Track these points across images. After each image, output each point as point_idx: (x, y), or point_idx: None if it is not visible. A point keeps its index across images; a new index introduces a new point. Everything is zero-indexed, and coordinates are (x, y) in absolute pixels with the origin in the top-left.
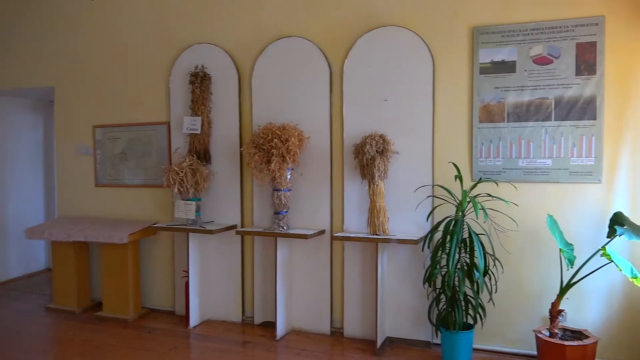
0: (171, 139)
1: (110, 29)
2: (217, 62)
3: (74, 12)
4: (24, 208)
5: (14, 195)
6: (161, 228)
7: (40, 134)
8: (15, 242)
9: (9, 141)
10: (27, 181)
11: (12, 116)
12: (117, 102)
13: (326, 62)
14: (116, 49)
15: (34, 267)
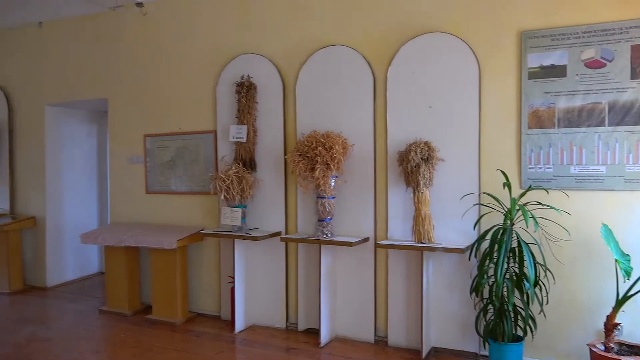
0: (218, 147)
1: (160, 42)
2: (262, 72)
3: (126, 26)
4: (79, 214)
5: (70, 201)
6: (208, 234)
7: (94, 143)
8: (71, 246)
9: (66, 150)
10: (82, 188)
11: (70, 126)
12: (167, 112)
13: (370, 69)
14: (166, 61)
15: (88, 271)
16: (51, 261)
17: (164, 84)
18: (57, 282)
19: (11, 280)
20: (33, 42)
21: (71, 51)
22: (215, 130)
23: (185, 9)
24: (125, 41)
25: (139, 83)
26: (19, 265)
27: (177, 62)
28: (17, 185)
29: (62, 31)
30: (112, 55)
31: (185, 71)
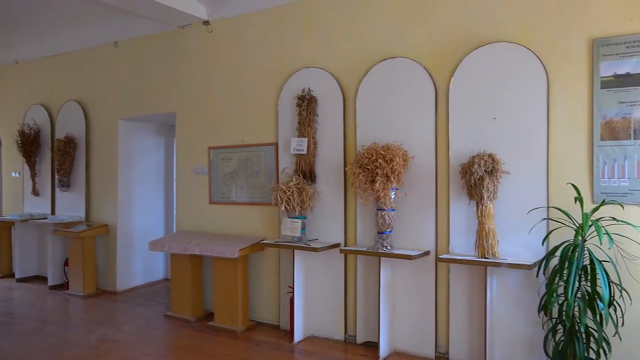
0: (279, 159)
1: (225, 57)
2: (322, 85)
3: (193, 43)
4: (147, 222)
5: (139, 210)
6: (268, 244)
7: (162, 155)
8: (139, 253)
9: (136, 162)
10: (150, 198)
11: (140, 139)
12: (230, 125)
13: (431, 81)
14: (230, 76)
15: (154, 277)
16: (121, 267)
17: (227, 98)
18: (126, 286)
19: (85, 283)
20: (109, 60)
21: (143, 68)
22: (277, 142)
23: (249, 25)
24: (192, 58)
25: (204, 97)
26: (92, 270)
27: (241, 77)
28: (92, 194)
29: (135, 50)
30: (180, 71)
31: (248, 85)
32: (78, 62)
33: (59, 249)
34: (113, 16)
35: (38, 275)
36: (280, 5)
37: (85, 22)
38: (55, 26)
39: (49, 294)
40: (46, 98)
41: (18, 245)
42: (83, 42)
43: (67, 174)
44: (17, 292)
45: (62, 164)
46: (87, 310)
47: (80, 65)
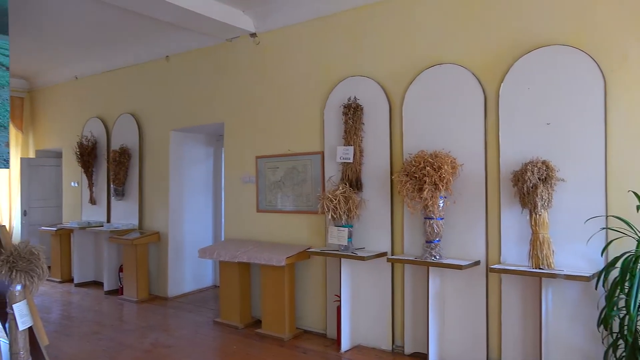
0: (325, 167)
1: (271, 68)
2: (368, 93)
3: (241, 55)
4: (197, 230)
5: (189, 218)
6: (315, 253)
7: (210, 164)
8: (189, 260)
9: (186, 171)
10: (199, 206)
11: (190, 149)
12: (277, 134)
13: (480, 87)
14: (276, 86)
15: (203, 283)
16: (172, 273)
17: (274, 107)
18: (176, 293)
19: (139, 289)
20: (161, 73)
21: (193, 80)
22: (323, 151)
23: (295, 36)
24: (239, 69)
25: (252, 107)
26: (145, 276)
27: (287, 87)
28: (144, 203)
29: (186, 63)
30: (228, 83)
31: (295, 95)
32: (132, 77)
33: (114, 256)
34: (165, 32)
35: (95, 280)
36: (326, 15)
37: (138, 38)
38: (111, 43)
39: (105, 299)
40: (103, 111)
41: (77, 251)
42: (137, 57)
43: (122, 183)
44: (75, 296)
45: (117, 174)
46: (140, 315)
47: (134, 79)
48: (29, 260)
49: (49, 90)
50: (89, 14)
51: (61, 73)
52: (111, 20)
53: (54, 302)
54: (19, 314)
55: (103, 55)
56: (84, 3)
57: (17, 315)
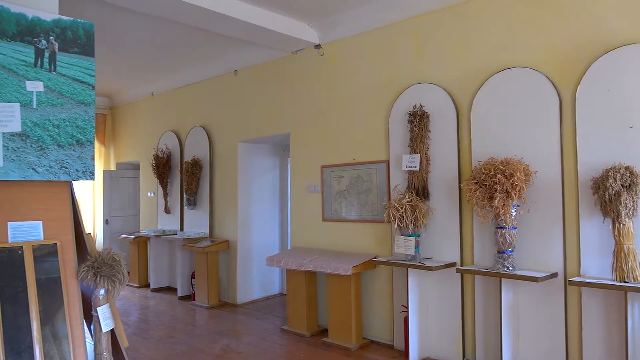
0: (390, 176)
1: (336, 78)
2: (434, 100)
3: (306, 67)
4: (264, 238)
5: (257, 227)
6: (381, 262)
7: (277, 174)
8: (257, 268)
9: (255, 181)
10: (266, 215)
11: (257, 160)
12: (342, 143)
13: (554, 90)
14: (341, 96)
15: (270, 291)
16: (241, 281)
17: (339, 117)
18: (245, 300)
19: (210, 295)
20: (230, 87)
21: (260, 93)
22: (388, 159)
23: (359, 45)
24: (305, 80)
25: (317, 117)
26: (216, 283)
27: (352, 96)
28: (215, 211)
29: (253, 76)
30: (294, 94)
31: (359, 104)
32: (203, 91)
33: (187, 263)
34: (233, 47)
35: (169, 286)
36: (390, 24)
37: (208, 55)
38: (183, 61)
39: (178, 304)
40: (176, 125)
41: (153, 258)
42: (207, 73)
43: (194, 193)
44: (151, 301)
45: (189, 184)
46: (211, 321)
47: (205, 93)
48: (111, 266)
49: (128, 107)
50: (162, 35)
51: (139, 90)
52: (182, 39)
53: (132, 306)
54: (103, 317)
55: (176, 72)
56: (157, 24)
57: (100, 317)
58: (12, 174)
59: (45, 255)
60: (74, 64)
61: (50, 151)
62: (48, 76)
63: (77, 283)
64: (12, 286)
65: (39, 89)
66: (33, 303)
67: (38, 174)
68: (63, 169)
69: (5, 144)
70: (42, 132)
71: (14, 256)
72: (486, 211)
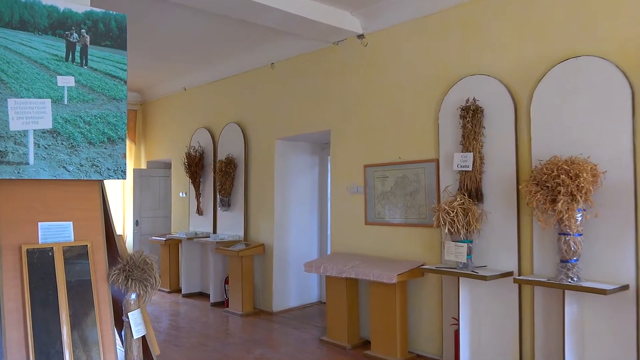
0: (440, 176)
1: (380, 70)
2: (489, 93)
3: (348, 59)
4: (302, 242)
5: (294, 230)
6: (429, 270)
7: (316, 173)
8: (294, 274)
9: (292, 181)
10: (304, 217)
11: (295, 159)
12: (387, 141)
13: (626, 80)
14: (386, 89)
15: (308, 299)
16: (277, 287)
17: (384, 112)
18: (281, 307)
19: (244, 302)
20: (266, 81)
21: (298, 87)
22: (437, 158)
23: (405, 35)
24: (346, 73)
25: (359, 112)
26: (250, 289)
27: (398, 89)
28: (250, 213)
29: (291, 69)
30: (335, 88)
31: (406, 98)
32: (238, 85)
33: (220, 267)
34: (269, 38)
35: (201, 291)
36: (439, 11)
37: (243, 47)
38: (216, 53)
39: (211, 311)
40: (209, 121)
41: (184, 262)
42: (242, 66)
43: (228, 193)
44: (183, 307)
45: (223, 184)
46: (245, 329)
47: (240, 88)
48: (142, 269)
49: (159, 102)
50: (195, 26)
51: (171, 85)
52: (217, 31)
53: (163, 312)
54: (134, 323)
55: (210, 66)
56: (190, 15)
57: (132, 323)
58: (43, 172)
59: (76, 257)
60: (105, 58)
61: (81, 149)
62: (79, 70)
63: (107, 287)
64: (43, 288)
65: (70, 84)
66: (63, 306)
67: (69, 173)
68: (94, 167)
69: (37, 142)
70: (73, 129)
71: (44, 257)
72: (548, 216)
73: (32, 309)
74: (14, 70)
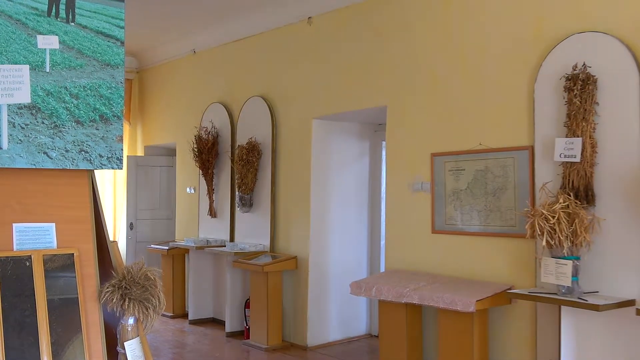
0: (535, 169)
1: (454, 27)
2: (605, 57)
3: (411, 11)
4: (347, 255)
5: (337, 239)
6: (520, 295)
7: (365, 164)
8: (337, 296)
9: (335, 174)
10: (350, 222)
11: (339, 144)
12: (463, 121)
13: None
14: (462, 52)
15: (354, 331)
16: (313, 314)
17: (458, 83)
18: (318, 341)
19: (270, 333)
20: (300, 42)
21: (343, 50)
22: (532, 145)
23: None
24: (408, 31)
25: (426, 84)
26: (278, 315)
27: (477, 52)
28: (278, 216)
29: (334, 26)
30: (392, 51)
31: (488, 64)
32: (263, 47)
33: (238, 286)
34: None
35: (214, 317)
36: None
37: None
38: (237, 5)
39: (227, 343)
40: (226, 94)
41: (193, 278)
42: (270, 22)
43: (250, 189)
44: (190, 337)
45: (243, 178)
46: None
47: (266, 50)
48: (143, 286)
49: (160, 69)
50: None
51: (176, 46)
52: None
53: (165, 343)
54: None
55: (227, 21)
56: None
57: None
58: (19, 159)
59: (59, 268)
60: (97, 12)
61: (66, 129)
62: (65, 28)
63: (99, 307)
64: (18, 308)
65: (53, 46)
66: (43, 331)
67: (51, 160)
68: (83, 153)
69: (11, 119)
70: (56, 103)
71: (20, 268)
72: None
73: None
74: None
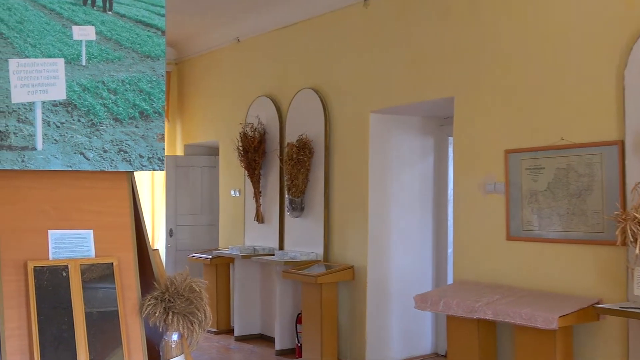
0: (626, 167)
1: (532, 6)
2: None
3: None
4: (410, 265)
5: (399, 247)
6: (609, 311)
7: (430, 163)
8: (399, 310)
9: (396, 174)
10: (413, 229)
11: (400, 141)
12: (541, 114)
13: None
14: (540, 35)
15: (419, 349)
16: (373, 330)
17: (535, 71)
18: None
19: (324, 351)
20: (356, 27)
21: (404, 34)
22: (622, 140)
23: None
24: (478, 13)
25: (498, 73)
26: (334, 331)
27: (557, 36)
28: (332, 221)
29: (394, 8)
30: (460, 36)
31: (570, 49)
32: (314, 34)
33: (289, 299)
34: None
35: (262, 334)
36: None
37: None
38: None
39: None
40: (274, 86)
41: (238, 290)
42: (321, 6)
43: (300, 192)
44: (237, 355)
45: (293, 179)
46: None
47: (318, 37)
48: (188, 299)
49: (201, 60)
50: None
51: (218, 35)
52: None
53: None
54: None
55: (274, 6)
56: None
57: None
58: (55, 161)
59: (98, 279)
60: None
61: (104, 128)
62: (102, 18)
63: (140, 322)
64: (55, 322)
65: (90, 37)
66: (82, 348)
67: (88, 162)
68: (122, 153)
69: (46, 118)
70: (93, 100)
71: (56, 279)
72: None
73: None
74: (17, 19)
